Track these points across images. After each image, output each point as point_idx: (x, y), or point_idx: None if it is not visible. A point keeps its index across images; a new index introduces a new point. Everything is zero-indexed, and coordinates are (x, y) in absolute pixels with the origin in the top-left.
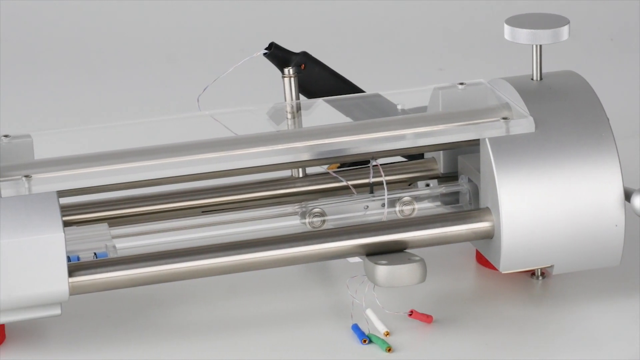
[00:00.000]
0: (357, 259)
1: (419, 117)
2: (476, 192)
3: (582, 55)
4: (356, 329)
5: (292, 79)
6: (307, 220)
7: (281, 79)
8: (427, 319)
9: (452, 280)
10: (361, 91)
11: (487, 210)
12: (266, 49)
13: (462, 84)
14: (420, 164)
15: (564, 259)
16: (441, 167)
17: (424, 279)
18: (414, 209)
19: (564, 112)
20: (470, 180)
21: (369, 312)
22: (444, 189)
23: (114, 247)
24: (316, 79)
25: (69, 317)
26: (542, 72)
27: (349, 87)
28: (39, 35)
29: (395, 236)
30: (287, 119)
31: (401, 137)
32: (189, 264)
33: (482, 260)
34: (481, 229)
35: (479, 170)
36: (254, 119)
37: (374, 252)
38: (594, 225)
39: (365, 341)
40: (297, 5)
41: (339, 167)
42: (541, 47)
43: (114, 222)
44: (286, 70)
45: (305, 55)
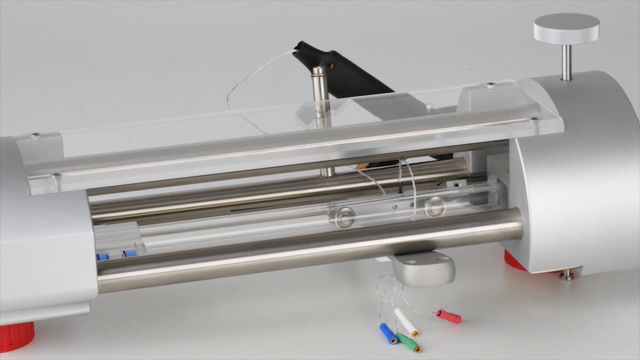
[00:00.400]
0: (385, 259)
1: (448, 117)
2: (505, 192)
3: (611, 55)
4: (384, 328)
5: (321, 79)
6: (335, 219)
7: (310, 79)
8: (456, 319)
9: (481, 280)
10: (390, 91)
11: (516, 210)
12: (296, 48)
13: (491, 83)
14: (449, 163)
15: (593, 259)
16: (470, 167)
17: (452, 279)
18: (442, 209)
19: (593, 112)
20: (499, 180)
21: (398, 312)
22: (472, 189)
23: (143, 245)
24: (345, 79)
25: (97, 316)
26: (571, 72)
27: (378, 87)
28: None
29: (424, 236)
30: (316, 118)
31: (430, 137)
32: (217, 263)
33: (510, 260)
34: (510, 229)
35: (508, 170)
36: (283, 118)
37: (403, 252)
38: (623, 225)
39: (393, 341)
40: (312, 4)
41: (368, 167)
42: (571, 47)
43: (143, 220)
44: (315, 69)
45: (334, 54)
